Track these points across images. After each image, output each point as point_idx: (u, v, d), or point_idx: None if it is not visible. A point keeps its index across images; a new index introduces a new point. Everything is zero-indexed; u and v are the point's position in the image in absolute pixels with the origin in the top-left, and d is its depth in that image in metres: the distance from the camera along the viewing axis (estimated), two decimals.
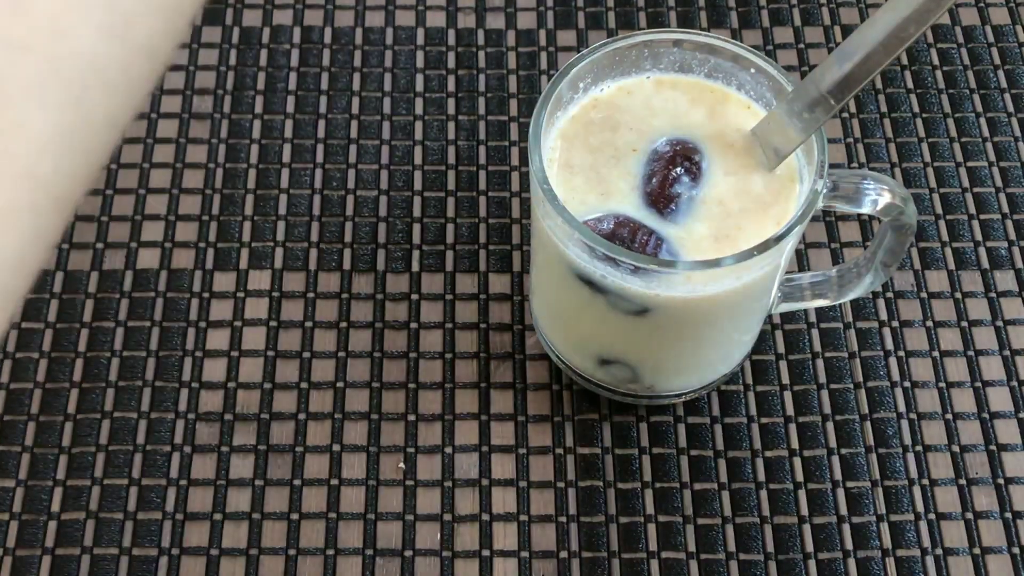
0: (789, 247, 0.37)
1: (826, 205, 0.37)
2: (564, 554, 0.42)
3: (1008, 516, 0.43)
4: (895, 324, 0.47)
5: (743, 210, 0.38)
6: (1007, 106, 0.52)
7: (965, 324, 0.47)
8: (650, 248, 0.37)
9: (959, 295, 0.47)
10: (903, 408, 0.45)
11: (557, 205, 0.36)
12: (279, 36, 0.54)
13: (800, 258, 0.48)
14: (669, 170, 0.38)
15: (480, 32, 0.54)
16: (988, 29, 0.54)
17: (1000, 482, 0.43)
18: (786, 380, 0.45)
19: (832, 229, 0.49)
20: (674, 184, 0.38)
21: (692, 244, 0.37)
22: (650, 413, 0.45)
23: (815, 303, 0.43)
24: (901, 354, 0.46)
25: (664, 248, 0.37)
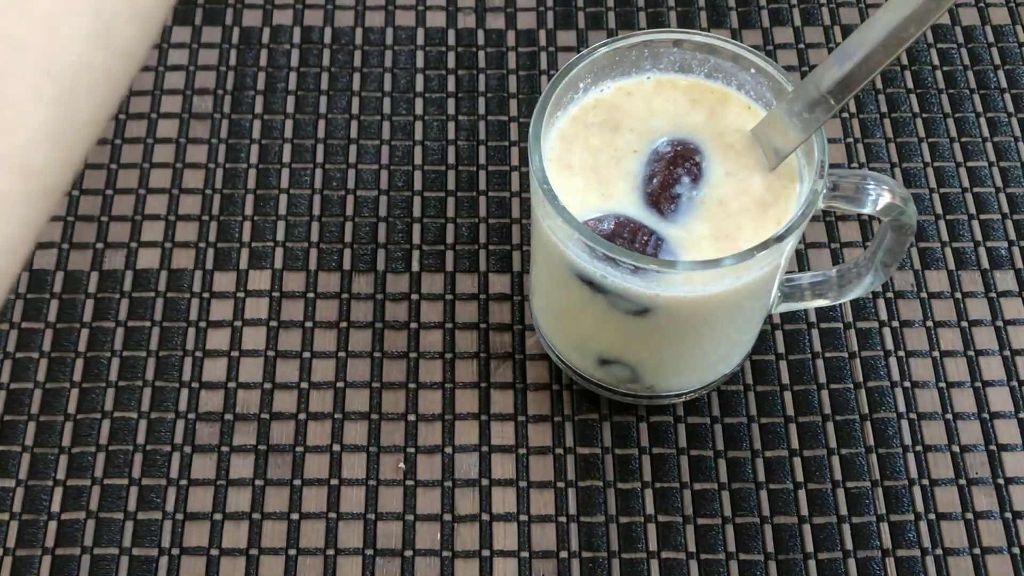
0: (789, 247, 0.37)
1: (826, 205, 0.37)
2: (564, 554, 0.42)
3: (1008, 516, 0.43)
4: (895, 324, 0.47)
5: (743, 210, 0.38)
6: (1007, 106, 0.52)
7: (965, 324, 0.47)
8: (650, 248, 0.37)
9: (959, 295, 0.47)
10: (903, 408, 0.45)
11: (557, 205, 0.36)
12: (279, 36, 0.54)
13: (800, 258, 0.48)
14: (669, 170, 0.38)
15: (480, 32, 0.54)
16: (988, 29, 0.54)
17: (1000, 482, 0.43)
18: (786, 380, 0.45)
19: (832, 229, 0.49)
20: (674, 184, 0.38)
21: (692, 244, 0.37)
22: (650, 413, 0.45)
23: (815, 303, 0.43)
24: (901, 354, 0.46)
25: (664, 248, 0.37)
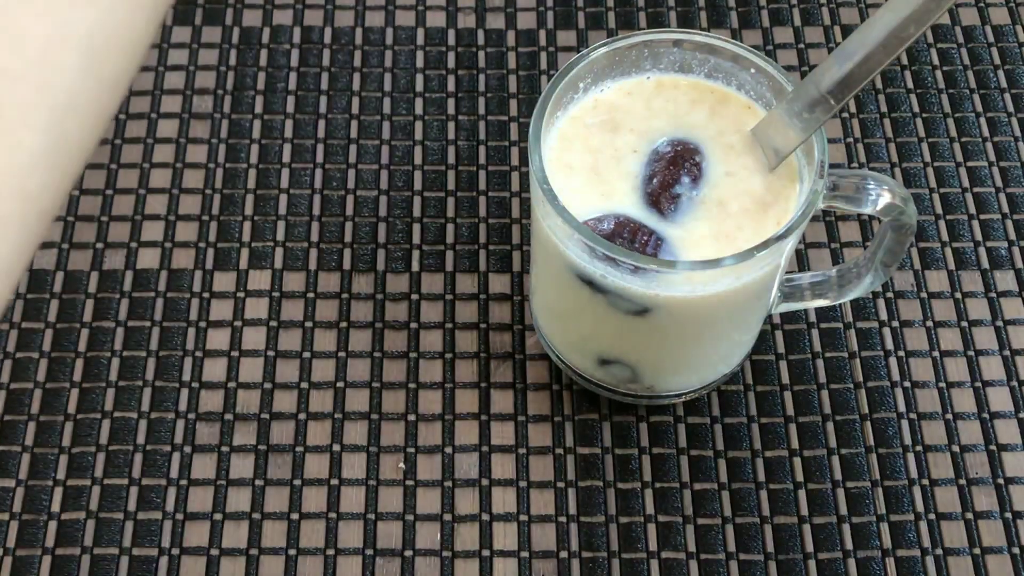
0: (789, 247, 0.37)
1: (826, 205, 0.37)
2: (564, 554, 0.42)
3: (1008, 516, 0.43)
4: (895, 324, 0.47)
5: (743, 210, 0.38)
6: (1007, 106, 0.52)
7: (965, 324, 0.47)
8: (650, 248, 0.37)
9: (959, 295, 0.47)
10: (903, 408, 0.45)
11: (557, 205, 0.36)
12: (279, 36, 0.54)
13: (800, 258, 0.48)
14: (669, 170, 0.38)
15: (480, 32, 0.54)
16: (988, 29, 0.54)
17: (1000, 482, 0.43)
18: (786, 380, 0.45)
19: (832, 229, 0.49)
20: (674, 184, 0.38)
21: (692, 244, 0.37)
22: (650, 413, 0.45)
23: (815, 303, 0.43)
24: (901, 354, 0.46)
25: (664, 248, 0.37)
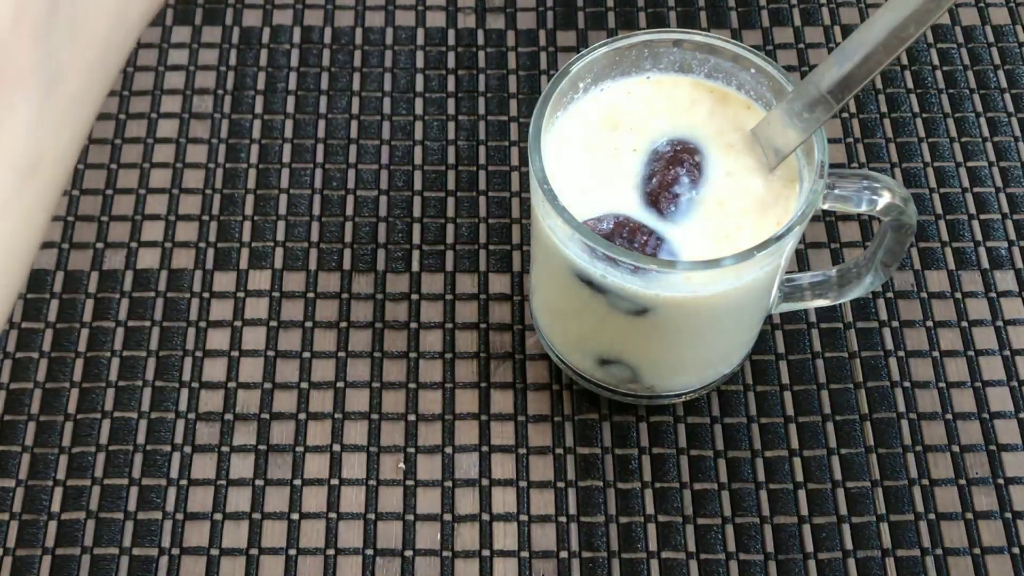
0: (789, 247, 0.37)
1: (826, 205, 0.37)
2: (564, 554, 0.42)
3: (1008, 516, 0.43)
4: (895, 324, 0.47)
5: (743, 210, 0.38)
6: (1007, 106, 0.52)
7: (965, 324, 0.47)
8: (650, 248, 0.37)
9: (959, 295, 0.47)
10: (903, 408, 0.45)
11: (557, 205, 0.36)
12: (279, 36, 0.54)
13: (800, 258, 0.48)
14: (669, 170, 0.38)
15: (480, 32, 0.54)
16: (988, 29, 0.54)
17: (1000, 482, 0.43)
18: (786, 380, 0.45)
19: (832, 229, 0.49)
20: (674, 184, 0.38)
21: (692, 244, 0.37)
22: (650, 413, 0.45)
23: (815, 303, 0.43)
24: (901, 354, 0.46)
25: (664, 248, 0.37)
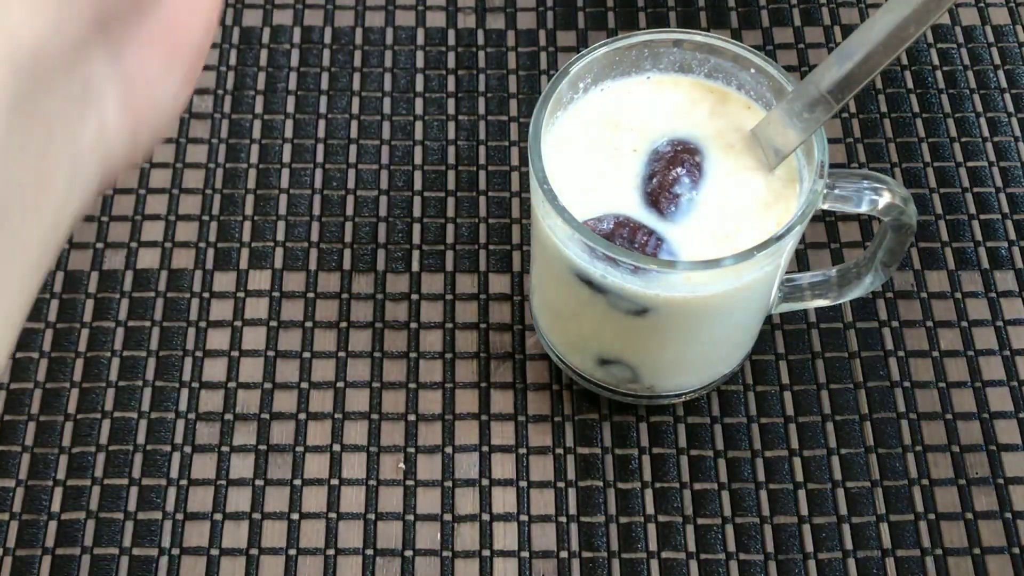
0: (789, 247, 0.37)
1: (826, 205, 0.37)
2: (564, 554, 0.42)
3: (1008, 516, 0.43)
4: (895, 324, 0.47)
5: (743, 210, 0.38)
6: (1007, 106, 0.52)
7: (965, 324, 0.47)
8: (650, 248, 0.37)
9: (959, 295, 0.47)
10: (903, 408, 0.45)
11: (557, 205, 0.36)
12: (279, 36, 0.54)
13: (800, 258, 0.48)
14: (669, 170, 0.38)
15: (480, 32, 0.54)
16: (988, 29, 0.54)
17: (1000, 482, 0.43)
18: (786, 380, 0.45)
19: (832, 229, 0.49)
20: (674, 184, 0.38)
21: (692, 244, 0.37)
22: (650, 413, 0.45)
23: (815, 303, 0.43)
24: (901, 354, 0.46)
25: (664, 248, 0.37)
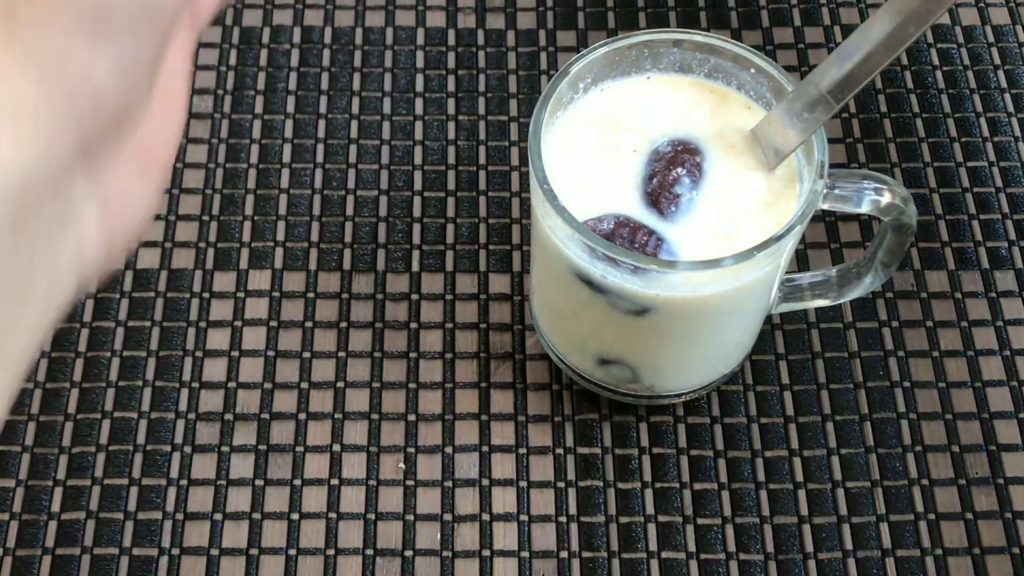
0: (789, 247, 0.37)
1: (826, 205, 0.37)
2: (564, 554, 0.42)
3: (1008, 516, 0.43)
4: (895, 324, 0.47)
5: (743, 210, 0.38)
6: (1007, 106, 0.52)
7: (965, 324, 0.47)
8: (650, 248, 0.37)
9: (959, 295, 0.47)
10: (903, 408, 0.45)
11: (557, 205, 0.36)
12: (279, 36, 0.54)
13: (800, 258, 0.48)
14: (670, 170, 0.38)
15: (480, 32, 0.54)
16: (988, 29, 0.54)
17: (1000, 482, 0.43)
18: (786, 380, 0.45)
19: (832, 229, 0.49)
20: (675, 184, 0.38)
21: (692, 244, 0.37)
22: (650, 413, 0.45)
23: (815, 303, 0.43)
24: (901, 354, 0.46)
25: (664, 248, 0.37)
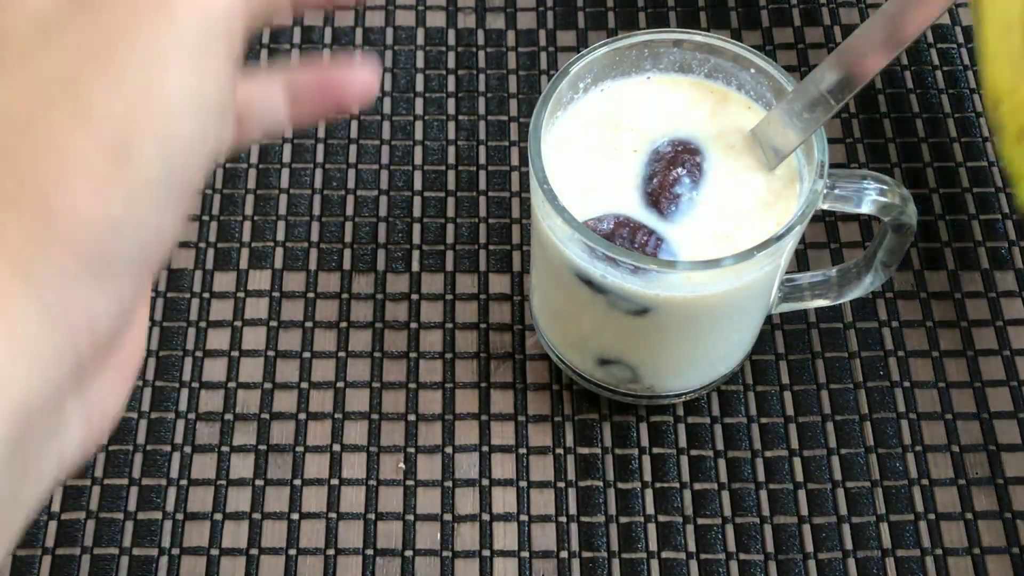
0: (789, 247, 0.37)
1: (826, 205, 0.37)
2: (564, 554, 0.42)
3: (1008, 516, 0.43)
4: (895, 324, 0.47)
5: (743, 210, 0.38)
6: None
7: (965, 324, 0.47)
8: (650, 248, 0.37)
9: (959, 295, 0.47)
10: (903, 408, 0.45)
11: (557, 205, 0.36)
12: (279, 36, 0.54)
13: (800, 258, 0.48)
14: (670, 170, 0.38)
15: (480, 32, 0.54)
16: None
17: (1000, 482, 0.43)
18: (786, 380, 0.45)
19: (832, 229, 0.49)
20: (675, 184, 0.38)
21: (692, 244, 0.37)
22: (650, 413, 0.45)
23: (815, 303, 0.43)
24: (901, 354, 0.46)
25: (664, 248, 0.37)
